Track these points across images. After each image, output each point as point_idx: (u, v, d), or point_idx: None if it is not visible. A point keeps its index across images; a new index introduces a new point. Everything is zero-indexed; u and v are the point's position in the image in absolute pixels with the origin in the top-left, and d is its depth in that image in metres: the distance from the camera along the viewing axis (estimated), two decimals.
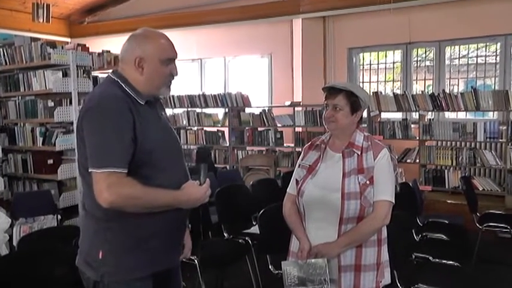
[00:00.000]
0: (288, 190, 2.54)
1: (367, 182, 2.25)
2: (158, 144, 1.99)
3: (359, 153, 2.31)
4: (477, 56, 7.30)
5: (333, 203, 2.24)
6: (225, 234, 4.36)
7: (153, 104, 2.10)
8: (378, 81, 8.14)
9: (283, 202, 2.53)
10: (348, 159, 2.31)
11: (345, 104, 2.31)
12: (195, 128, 8.44)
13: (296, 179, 2.44)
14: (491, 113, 6.81)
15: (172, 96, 8.32)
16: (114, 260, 1.97)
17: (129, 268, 1.98)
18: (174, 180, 2.01)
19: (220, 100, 7.98)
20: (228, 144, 8.13)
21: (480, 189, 6.20)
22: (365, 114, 6.57)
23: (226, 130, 8.19)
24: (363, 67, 8.18)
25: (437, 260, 3.61)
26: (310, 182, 2.34)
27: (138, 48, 2.01)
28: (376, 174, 2.27)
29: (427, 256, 3.63)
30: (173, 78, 2.10)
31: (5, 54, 5.84)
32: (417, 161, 6.66)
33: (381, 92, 7.08)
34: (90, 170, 1.87)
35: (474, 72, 7.33)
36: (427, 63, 7.78)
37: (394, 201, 2.32)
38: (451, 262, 3.57)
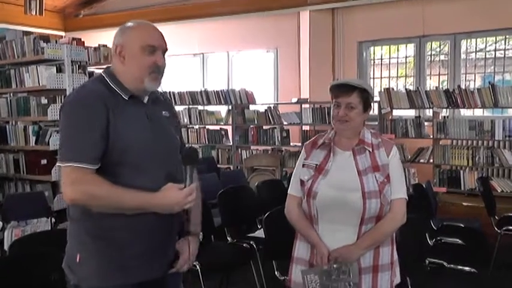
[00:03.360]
0: (289, 192, 2.50)
1: (385, 180, 2.28)
2: (136, 143, 1.96)
3: (370, 150, 2.33)
4: (495, 50, 7.27)
5: (353, 203, 2.24)
6: (229, 238, 4.35)
7: (144, 101, 2.07)
8: (389, 76, 8.11)
9: (286, 205, 2.50)
10: (360, 156, 2.33)
11: (358, 102, 2.31)
12: (197, 127, 8.45)
13: (301, 180, 2.40)
14: (511, 109, 6.77)
15: (173, 92, 8.31)
16: (89, 265, 1.96)
17: (103, 275, 1.96)
18: (156, 183, 1.94)
19: (223, 97, 7.98)
20: (231, 143, 8.11)
21: (498, 191, 6.16)
22: (376, 111, 6.59)
23: (229, 128, 8.17)
24: (374, 62, 8.17)
25: (452, 265, 3.60)
26: (323, 183, 2.31)
27: (120, 36, 2.05)
28: (391, 172, 2.31)
29: (442, 261, 3.62)
30: (160, 71, 2.04)
31: None
32: (431, 161, 6.63)
33: (393, 88, 7.07)
34: (57, 164, 1.91)
35: (492, 67, 7.31)
36: (442, 57, 7.76)
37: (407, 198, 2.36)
38: (467, 268, 3.55)
